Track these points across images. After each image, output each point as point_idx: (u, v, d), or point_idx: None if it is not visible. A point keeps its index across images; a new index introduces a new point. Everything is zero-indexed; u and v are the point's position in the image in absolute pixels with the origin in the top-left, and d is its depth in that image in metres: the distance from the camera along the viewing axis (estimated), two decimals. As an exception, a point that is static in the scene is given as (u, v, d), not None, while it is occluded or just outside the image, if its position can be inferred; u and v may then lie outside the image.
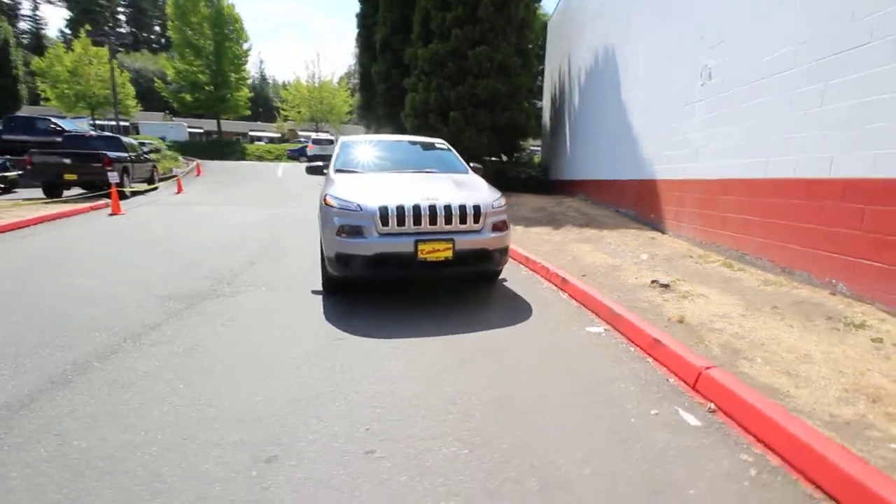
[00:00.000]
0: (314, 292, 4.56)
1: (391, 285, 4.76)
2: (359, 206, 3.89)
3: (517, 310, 4.11)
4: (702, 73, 6.09)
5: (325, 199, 4.14)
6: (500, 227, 4.19)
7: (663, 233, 6.98)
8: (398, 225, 3.84)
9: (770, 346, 3.07)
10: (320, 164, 5.26)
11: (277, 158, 31.52)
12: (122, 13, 67.87)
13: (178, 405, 2.43)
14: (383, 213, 3.82)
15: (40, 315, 3.74)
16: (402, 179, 4.60)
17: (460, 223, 3.96)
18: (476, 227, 4.04)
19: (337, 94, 44.10)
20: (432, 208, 3.88)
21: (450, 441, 2.13)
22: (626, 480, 1.88)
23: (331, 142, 23.76)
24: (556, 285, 4.82)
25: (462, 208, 3.96)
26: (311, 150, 23.59)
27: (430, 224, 3.88)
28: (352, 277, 4.07)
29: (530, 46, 13.88)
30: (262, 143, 43.05)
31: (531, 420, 2.31)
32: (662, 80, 7.24)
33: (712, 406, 2.41)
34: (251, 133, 47.25)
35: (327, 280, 4.36)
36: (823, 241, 3.97)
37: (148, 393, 2.55)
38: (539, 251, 6.21)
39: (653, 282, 4.60)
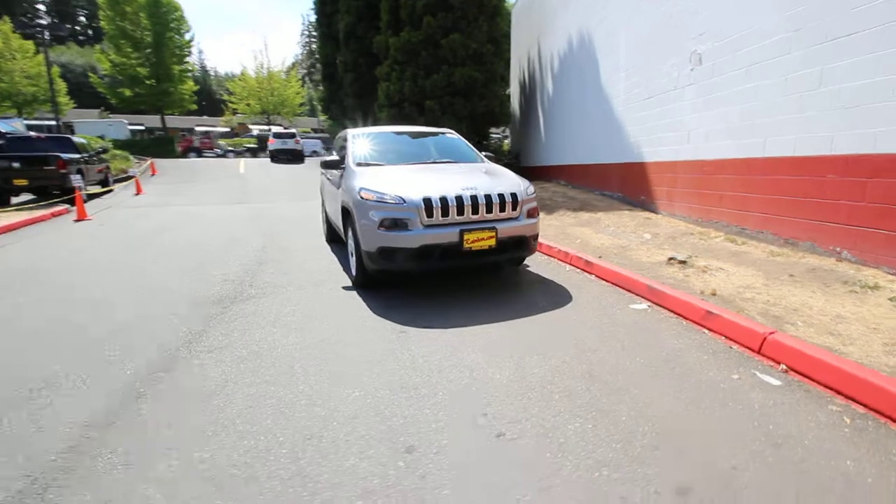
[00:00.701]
0: (345, 288, 4.51)
1: (415, 279, 4.75)
2: (401, 198, 3.87)
3: (555, 293, 4.25)
4: (691, 59, 6.42)
5: (359, 194, 4.09)
6: (532, 213, 4.31)
7: (655, 213, 7.35)
8: (442, 216, 3.86)
9: (804, 311, 3.37)
10: (336, 158, 5.15)
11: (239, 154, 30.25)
12: (42, 2, 62.06)
13: (281, 408, 2.38)
14: (428, 204, 3.83)
15: (70, 334, 3.51)
16: (430, 170, 4.61)
17: (500, 211, 4.04)
18: (514, 214, 4.13)
19: (288, 85, 42.60)
20: (474, 198, 3.93)
21: (569, 418, 2.23)
22: (748, 436, 2.06)
23: (292, 135, 23.00)
24: (579, 268, 5.00)
25: (501, 196, 4.04)
26: (273, 144, 22.73)
27: (472, 213, 3.94)
28: (394, 271, 4.06)
29: (501, 34, 14.02)
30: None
31: (634, 393, 2.45)
32: (648, 66, 7.56)
33: (784, 367, 2.64)
34: (198, 128, 44.82)
35: (362, 275, 4.33)
36: (827, 213, 4.36)
37: (241, 399, 2.48)
38: (546, 236, 6.39)
39: (670, 259, 4.87)
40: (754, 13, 5.19)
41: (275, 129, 26.27)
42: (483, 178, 4.34)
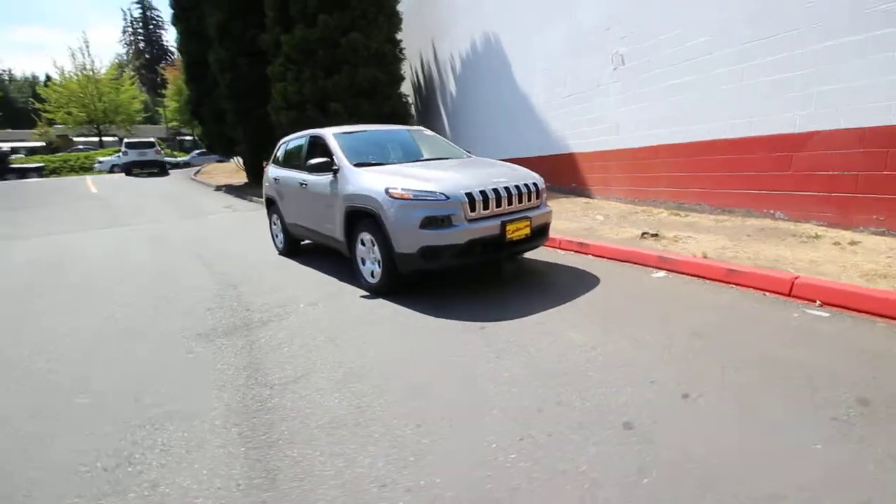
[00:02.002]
0: (365, 297, 4.22)
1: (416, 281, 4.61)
2: (444, 194, 3.77)
3: (575, 275, 4.50)
4: (613, 59, 7.28)
5: (388, 193, 3.86)
6: (546, 202, 4.53)
7: (591, 198, 8.17)
8: (484, 209, 3.86)
9: (783, 260, 4.14)
10: (323, 160, 4.73)
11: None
12: None
13: (481, 436, 2.22)
14: (471, 198, 3.79)
15: (74, 405, 2.72)
16: (442, 167, 4.52)
17: (529, 200, 4.18)
18: (538, 202, 4.31)
19: (122, 89, 36.78)
20: (509, 189, 4.00)
21: (725, 371, 2.49)
22: (854, 356, 2.53)
23: (151, 144, 19.97)
24: (573, 250, 5.37)
25: (528, 186, 4.18)
26: (125, 155, 19.43)
27: (508, 205, 4.01)
28: (437, 269, 3.95)
29: (399, 35, 13.99)
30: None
31: (750, 343, 2.78)
32: (567, 67, 8.34)
33: (819, 302, 3.26)
34: (1, 144, 36.10)
35: (389, 280, 4.09)
36: (759, 183, 5.38)
37: (380, 429, 2.23)
38: (514, 226, 6.68)
39: (644, 233, 5.51)
40: (678, 20, 6.12)
41: (127, 139, 22.27)
42: (500, 169, 4.44)
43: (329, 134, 5.12)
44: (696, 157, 6.09)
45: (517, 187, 4.07)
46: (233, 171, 20.81)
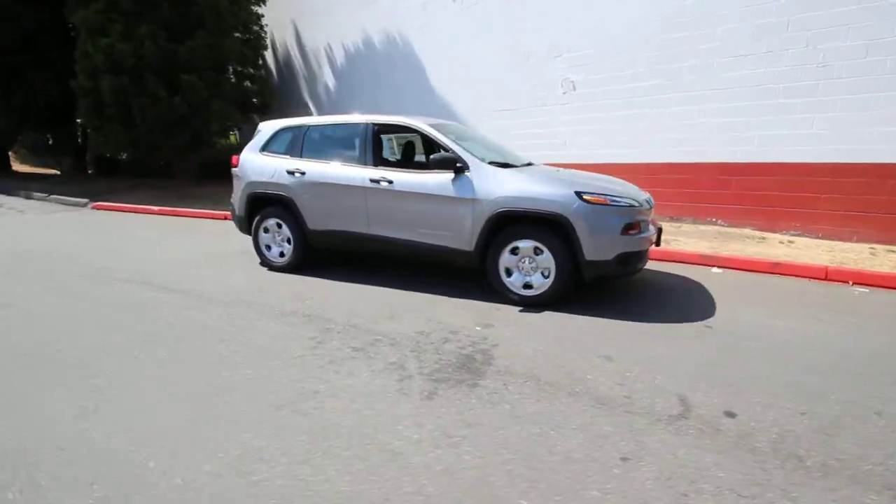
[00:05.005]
0: (524, 311, 3.87)
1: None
2: (636, 200, 3.85)
3: (637, 278, 5.12)
4: (563, 84, 8.24)
5: (583, 197, 3.68)
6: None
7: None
8: (647, 217, 4.09)
9: (763, 255, 5.68)
10: (450, 156, 4.00)
11: None
12: None
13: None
14: (649, 204, 3.98)
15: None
16: (564, 172, 4.49)
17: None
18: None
19: None
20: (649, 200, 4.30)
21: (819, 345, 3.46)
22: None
23: None
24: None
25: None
26: None
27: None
28: (624, 275, 3.96)
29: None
30: None
31: (800, 350, 3.88)
32: (506, 83, 8.92)
33: (851, 282, 4.71)
34: None
35: (561, 288, 3.83)
36: (703, 198, 7.08)
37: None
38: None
39: (641, 237, 6.55)
40: (628, 59, 7.42)
41: None
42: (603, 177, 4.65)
43: (424, 124, 4.35)
44: (649, 175, 7.50)
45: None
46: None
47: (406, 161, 5.07)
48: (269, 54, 13.67)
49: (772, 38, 6.22)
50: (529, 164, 4.71)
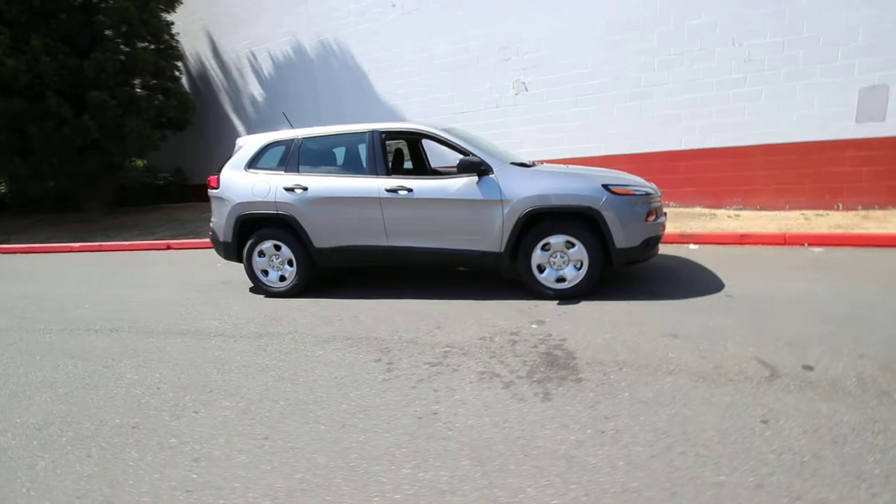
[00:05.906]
0: (563, 304, 3.99)
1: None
2: (653, 188, 4.13)
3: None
4: (514, 86, 8.54)
5: (611, 189, 3.89)
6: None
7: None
8: (653, 205, 4.41)
9: (722, 229, 6.40)
10: (475, 160, 3.99)
11: None
12: None
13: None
14: (657, 191, 4.28)
15: None
16: (573, 168, 4.66)
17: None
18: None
19: None
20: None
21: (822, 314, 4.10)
22: (864, 276, 4.62)
23: None
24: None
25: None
26: None
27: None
28: (645, 259, 4.19)
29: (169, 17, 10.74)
30: None
31: (814, 305, 4.53)
32: (456, 86, 9.03)
33: (806, 244, 5.44)
34: None
35: (592, 279, 4.00)
36: (656, 184, 7.71)
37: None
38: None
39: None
40: (578, 61, 7.90)
41: None
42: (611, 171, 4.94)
43: (437, 129, 4.31)
44: (608, 167, 8.01)
45: (646, 186, 4.76)
46: None
47: (399, 167, 4.96)
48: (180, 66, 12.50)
49: (704, 36, 7.00)
50: (534, 163, 4.84)
